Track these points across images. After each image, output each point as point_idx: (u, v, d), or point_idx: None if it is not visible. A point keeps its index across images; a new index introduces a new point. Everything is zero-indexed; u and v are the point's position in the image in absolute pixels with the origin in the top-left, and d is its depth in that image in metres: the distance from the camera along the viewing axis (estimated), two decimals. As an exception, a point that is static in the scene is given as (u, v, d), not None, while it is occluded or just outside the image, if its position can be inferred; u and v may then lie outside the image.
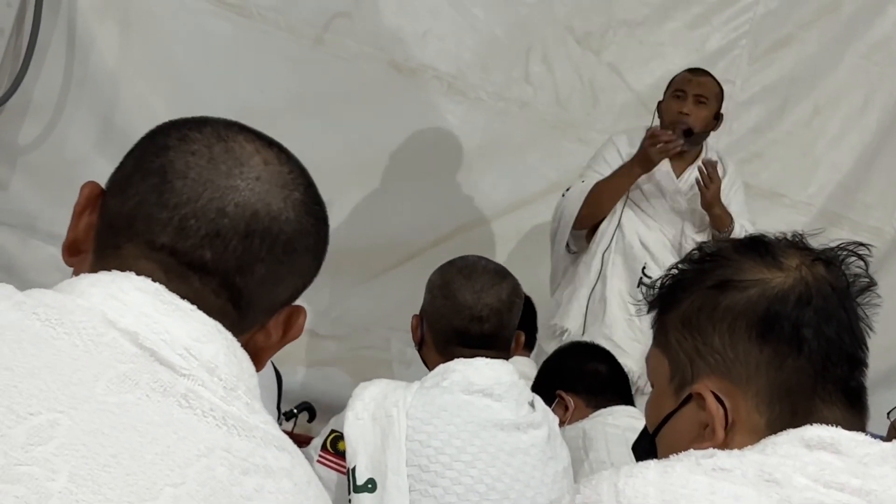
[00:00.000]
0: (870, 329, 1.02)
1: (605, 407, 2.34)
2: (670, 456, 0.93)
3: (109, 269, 0.81)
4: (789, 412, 0.96)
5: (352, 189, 3.64)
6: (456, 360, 1.80)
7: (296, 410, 2.98)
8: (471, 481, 1.67)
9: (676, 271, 1.07)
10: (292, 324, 0.91)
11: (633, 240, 3.18)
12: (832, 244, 1.03)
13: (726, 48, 3.98)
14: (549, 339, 3.17)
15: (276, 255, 0.84)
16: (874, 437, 0.93)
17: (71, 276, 0.84)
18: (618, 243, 3.18)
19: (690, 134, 3.12)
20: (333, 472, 1.76)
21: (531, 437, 1.76)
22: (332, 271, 2.61)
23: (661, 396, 1.05)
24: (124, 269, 0.80)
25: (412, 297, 2.04)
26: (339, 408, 1.81)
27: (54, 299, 0.77)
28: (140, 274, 0.80)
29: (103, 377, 0.72)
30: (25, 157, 3.33)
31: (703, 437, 0.98)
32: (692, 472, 0.89)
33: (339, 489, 1.74)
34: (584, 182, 3.19)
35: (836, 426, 0.93)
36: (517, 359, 2.20)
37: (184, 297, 0.80)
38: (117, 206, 0.84)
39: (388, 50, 3.65)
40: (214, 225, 0.81)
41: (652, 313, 1.08)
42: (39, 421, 0.68)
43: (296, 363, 3.54)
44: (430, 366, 1.88)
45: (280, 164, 0.86)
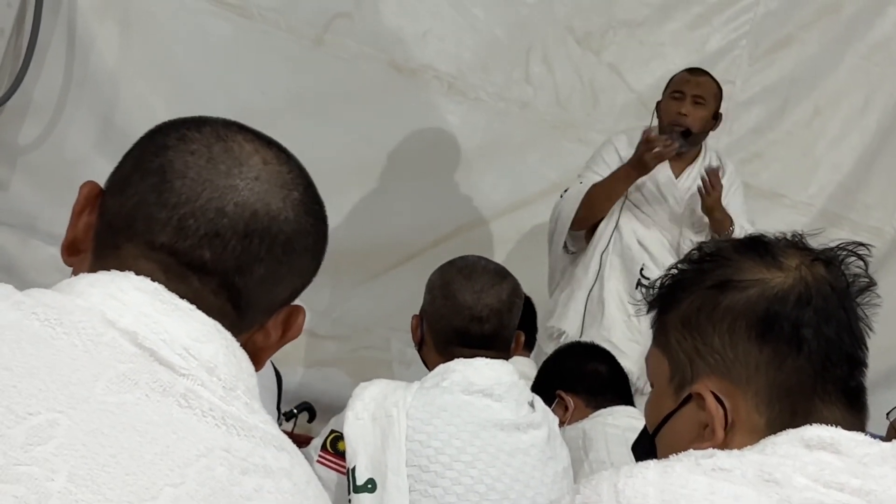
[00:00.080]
0: (869, 329, 1.02)
1: (604, 407, 2.34)
2: (670, 456, 0.93)
3: (108, 269, 0.81)
4: (789, 412, 0.96)
5: (352, 189, 3.64)
6: (456, 360, 1.80)
7: (296, 411, 2.98)
8: (471, 481, 1.67)
9: (676, 271, 1.07)
10: (291, 324, 0.91)
11: (630, 241, 3.18)
12: (832, 244, 1.03)
13: (726, 48, 3.98)
14: (547, 340, 3.17)
15: (275, 254, 0.84)
16: (874, 437, 0.93)
17: (70, 276, 0.84)
18: (615, 244, 3.18)
19: (689, 135, 3.12)
20: (333, 473, 1.76)
21: (531, 437, 1.76)
22: (331, 271, 2.62)
23: (660, 396, 1.05)
24: (123, 269, 0.80)
25: (412, 298, 2.04)
26: (338, 408, 1.81)
27: (53, 299, 0.77)
28: (139, 274, 0.80)
29: (103, 377, 0.72)
30: (25, 157, 3.33)
31: (702, 437, 0.98)
32: (692, 473, 0.89)
33: (339, 489, 1.74)
34: (582, 183, 3.19)
35: (836, 426, 0.93)
36: (517, 359, 2.20)
37: (183, 297, 0.80)
38: (116, 206, 0.84)
39: (389, 50, 3.65)
40: (213, 225, 0.81)
41: (651, 313, 1.08)
42: (39, 421, 0.68)
43: (296, 363, 3.54)
44: (430, 366, 1.88)
45: (279, 164, 0.86)
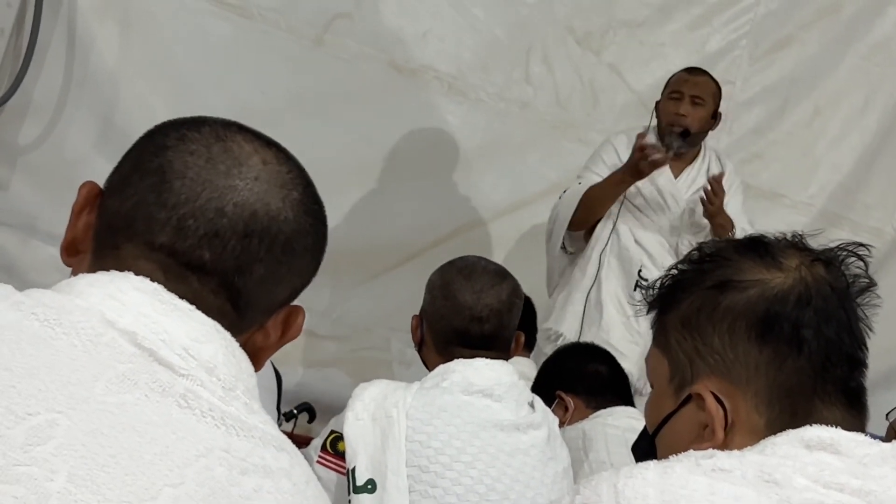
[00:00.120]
0: (869, 330, 1.02)
1: (604, 408, 2.33)
2: (670, 457, 0.93)
3: (108, 269, 0.81)
4: (789, 413, 0.96)
5: (352, 189, 3.64)
6: (456, 360, 1.80)
7: (296, 411, 2.98)
8: (471, 482, 1.67)
9: (676, 272, 1.07)
10: (291, 324, 0.91)
11: (628, 242, 3.17)
12: (832, 245, 1.03)
13: (727, 49, 3.98)
14: (545, 342, 3.17)
15: (274, 255, 0.84)
16: (874, 437, 0.93)
17: (70, 276, 0.84)
18: (613, 246, 3.17)
19: (687, 135, 3.12)
20: (333, 473, 1.75)
21: (531, 437, 1.76)
22: (331, 272, 2.62)
23: (660, 397, 1.05)
24: (123, 269, 0.80)
25: (412, 298, 2.04)
26: (338, 408, 1.81)
27: (53, 299, 0.77)
28: (139, 274, 0.80)
29: (102, 377, 0.72)
30: (25, 157, 3.33)
31: (702, 437, 0.98)
32: (692, 473, 0.89)
33: (339, 490, 1.73)
34: (581, 184, 3.18)
35: (836, 427, 0.93)
36: (517, 359, 2.20)
37: (182, 297, 0.80)
38: (116, 206, 0.84)
39: (389, 50, 3.65)
40: (213, 225, 0.81)
41: (651, 314, 1.08)
42: (38, 421, 0.68)
43: (296, 364, 3.54)
44: (430, 366, 1.88)
45: (279, 164, 0.86)
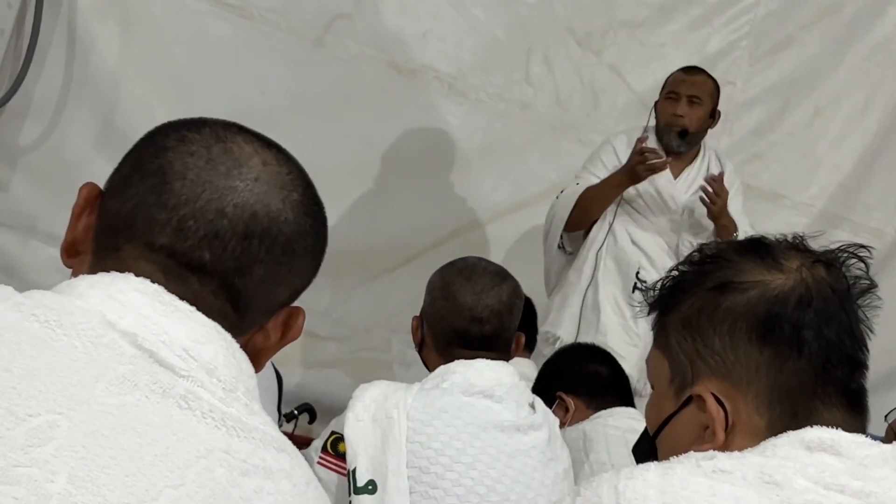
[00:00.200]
0: (870, 331, 1.02)
1: (605, 408, 2.33)
2: (670, 458, 0.93)
3: (108, 271, 0.81)
4: (790, 414, 0.96)
5: (352, 190, 3.64)
6: (456, 361, 1.80)
7: (296, 412, 2.97)
8: (471, 483, 1.67)
9: (677, 273, 1.07)
10: (291, 325, 0.91)
11: (625, 243, 3.16)
12: (833, 246, 1.03)
13: (727, 49, 3.98)
14: (543, 344, 3.17)
15: (274, 256, 0.84)
16: (874, 438, 0.93)
17: (70, 277, 0.84)
18: (610, 247, 3.16)
19: (686, 135, 3.12)
20: (334, 474, 1.75)
21: (532, 438, 1.76)
22: (332, 273, 2.62)
23: (661, 398, 1.05)
24: (123, 271, 0.80)
25: (412, 299, 2.04)
26: (339, 409, 1.81)
27: (53, 300, 0.77)
28: (139, 275, 0.80)
29: (103, 378, 0.72)
30: (26, 157, 3.33)
31: (703, 438, 0.98)
32: (692, 474, 0.89)
33: (340, 491, 1.73)
34: (579, 185, 3.18)
35: (837, 428, 0.93)
36: (517, 360, 2.20)
37: (183, 299, 0.80)
38: (116, 207, 0.84)
39: (389, 51, 3.65)
40: (213, 226, 0.81)
41: (651, 315, 1.08)
42: (38, 422, 0.68)
43: (296, 365, 3.54)
44: (430, 367, 1.88)
45: (279, 165, 0.86)
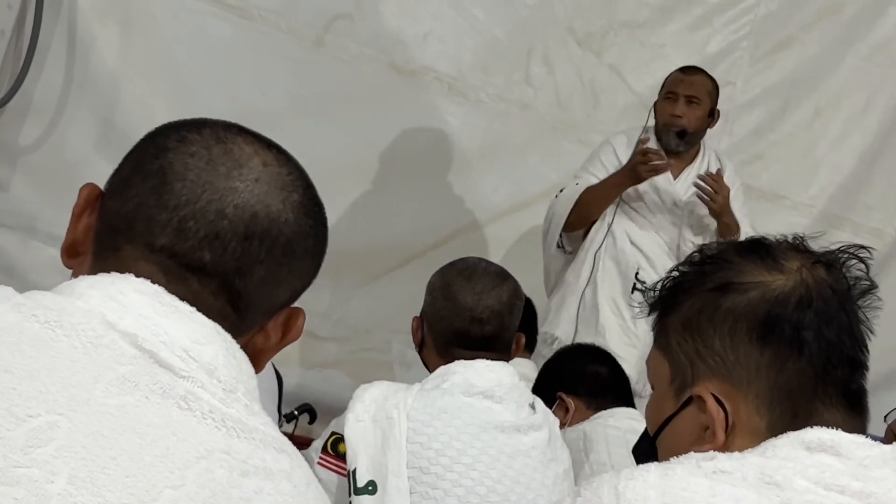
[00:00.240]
0: (870, 332, 1.02)
1: (605, 409, 2.33)
2: (671, 458, 0.93)
3: (108, 271, 0.81)
4: (790, 415, 0.96)
5: (352, 190, 3.64)
6: (456, 361, 1.80)
7: (296, 412, 2.97)
8: (471, 483, 1.67)
9: (677, 273, 1.07)
10: (291, 326, 0.91)
11: (624, 244, 3.16)
12: (833, 247, 1.03)
13: (727, 50, 3.98)
14: (542, 345, 3.17)
15: (275, 256, 0.84)
16: (874, 439, 0.93)
17: (70, 277, 0.84)
18: (608, 248, 3.16)
19: (684, 135, 3.12)
20: (334, 475, 1.75)
21: (532, 439, 1.76)
22: (332, 273, 2.62)
23: (661, 399, 1.05)
24: (123, 271, 0.80)
25: (413, 299, 2.04)
26: (339, 410, 1.81)
27: (53, 301, 0.77)
28: (139, 276, 0.80)
29: (103, 379, 0.72)
30: (26, 158, 3.33)
31: (703, 439, 0.98)
32: (693, 475, 0.89)
33: (340, 491, 1.73)
34: (578, 185, 3.18)
35: (837, 429, 0.93)
36: (518, 360, 2.20)
37: (183, 299, 0.80)
38: (116, 208, 0.84)
39: (389, 51, 3.65)
40: (213, 227, 0.81)
41: (651, 316, 1.08)
42: (39, 423, 0.68)
43: (296, 365, 3.54)
44: (430, 368, 1.88)
45: (279, 166, 0.86)
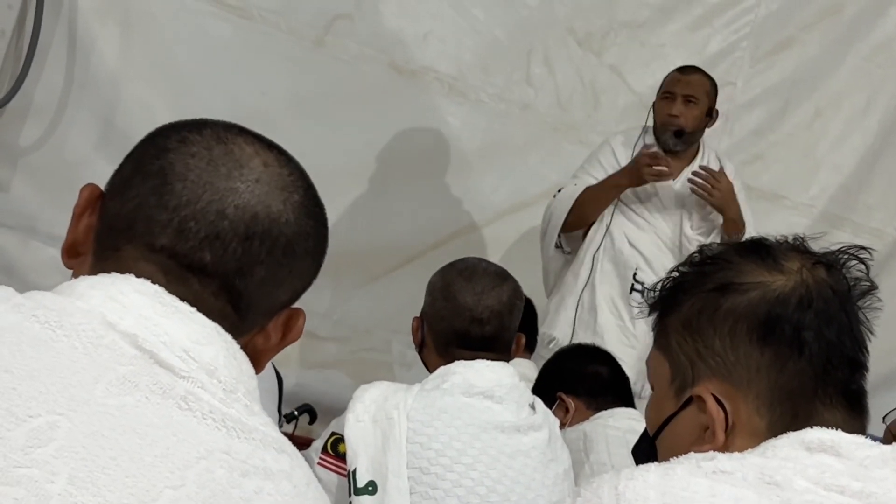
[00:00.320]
0: (870, 332, 1.02)
1: (605, 409, 2.34)
2: (671, 458, 0.93)
3: (109, 272, 0.81)
4: (790, 415, 0.96)
5: (352, 191, 3.64)
6: (456, 362, 1.80)
7: (296, 412, 2.97)
8: (471, 483, 1.67)
9: (677, 273, 1.07)
10: (291, 326, 0.91)
11: (622, 244, 3.15)
12: (833, 247, 1.03)
13: (727, 50, 3.98)
14: (541, 346, 3.16)
15: (275, 257, 0.84)
16: (874, 439, 0.93)
17: (70, 278, 0.84)
18: (607, 249, 3.15)
19: (682, 134, 3.12)
20: (334, 475, 1.75)
21: (532, 439, 1.76)
22: (332, 273, 2.62)
23: (661, 399, 1.05)
24: (124, 272, 0.80)
25: (413, 300, 2.04)
26: (339, 410, 1.81)
27: (54, 301, 0.77)
28: (140, 276, 0.80)
29: (103, 379, 0.72)
30: (26, 158, 3.33)
31: (703, 439, 0.98)
32: (693, 475, 0.89)
33: (340, 491, 1.74)
34: (576, 185, 3.18)
35: (837, 429, 0.93)
36: (518, 361, 2.20)
37: (183, 300, 0.80)
38: (117, 208, 0.84)
39: (389, 52, 3.65)
40: (214, 227, 0.81)
41: (651, 316, 1.08)
42: (39, 423, 0.68)
43: (296, 365, 3.54)
44: (430, 368, 1.88)
45: (280, 167, 0.86)
